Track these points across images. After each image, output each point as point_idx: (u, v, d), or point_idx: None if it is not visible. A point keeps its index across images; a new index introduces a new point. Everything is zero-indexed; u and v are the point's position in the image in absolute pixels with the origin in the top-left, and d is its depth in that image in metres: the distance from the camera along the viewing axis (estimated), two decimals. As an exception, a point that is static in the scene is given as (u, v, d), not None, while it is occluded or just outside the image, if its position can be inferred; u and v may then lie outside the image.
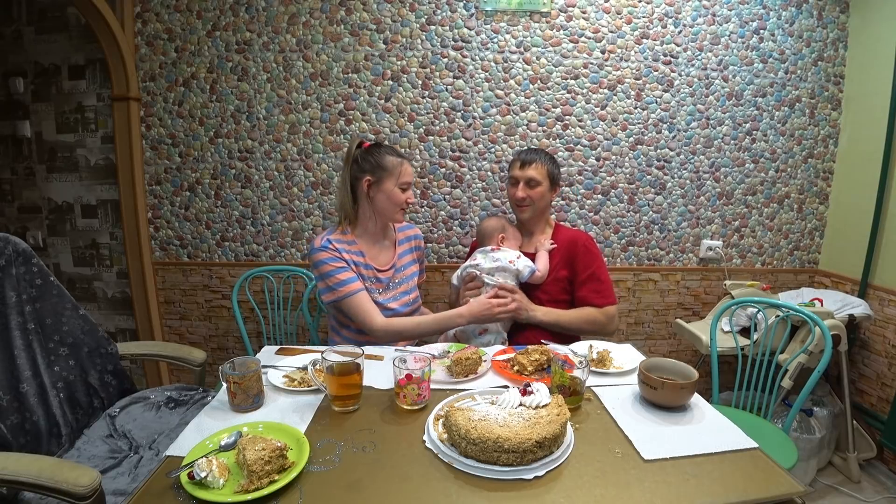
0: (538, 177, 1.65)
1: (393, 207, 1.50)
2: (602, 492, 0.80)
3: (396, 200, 1.49)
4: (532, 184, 1.65)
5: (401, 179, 1.48)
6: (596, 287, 1.64)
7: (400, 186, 1.48)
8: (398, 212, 1.52)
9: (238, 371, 1.03)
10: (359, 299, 1.45)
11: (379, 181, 1.48)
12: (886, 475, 1.99)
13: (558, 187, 1.76)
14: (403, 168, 1.49)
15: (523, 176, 1.66)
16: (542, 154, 1.69)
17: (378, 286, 1.53)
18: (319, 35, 2.10)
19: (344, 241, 1.50)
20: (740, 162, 2.26)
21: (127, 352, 1.49)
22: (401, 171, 1.48)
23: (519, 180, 1.67)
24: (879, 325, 2.04)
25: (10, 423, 1.13)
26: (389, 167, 1.47)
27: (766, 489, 0.81)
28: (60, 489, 0.87)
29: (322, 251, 1.46)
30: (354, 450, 0.90)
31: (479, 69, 2.13)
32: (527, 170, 1.66)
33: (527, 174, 1.65)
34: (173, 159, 2.20)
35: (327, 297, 1.48)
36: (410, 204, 1.54)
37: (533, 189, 1.65)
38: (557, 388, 1.06)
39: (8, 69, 2.14)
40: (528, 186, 1.65)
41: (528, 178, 1.65)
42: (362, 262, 1.52)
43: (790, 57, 2.19)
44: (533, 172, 1.65)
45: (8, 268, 1.20)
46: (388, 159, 1.48)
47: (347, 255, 1.48)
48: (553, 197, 1.75)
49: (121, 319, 2.36)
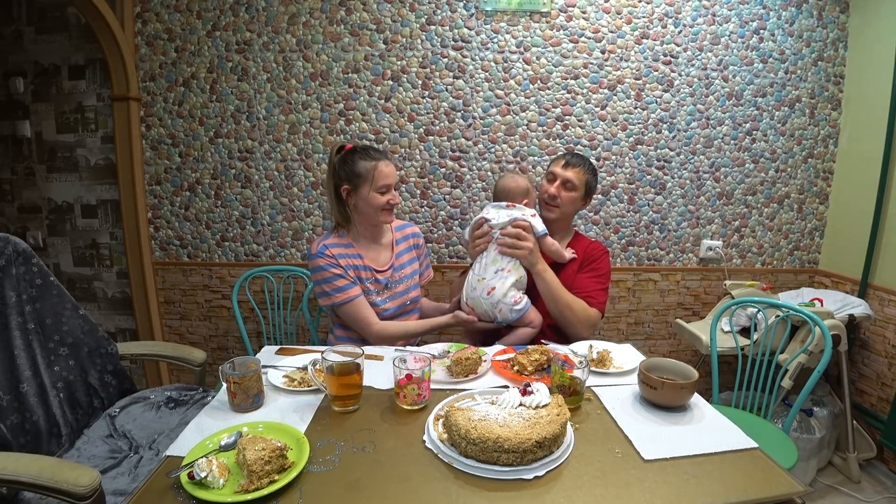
0: (576, 181, 1.60)
1: (374, 211, 1.46)
2: (602, 492, 0.80)
3: (375, 205, 1.45)
4: (568, 186, 1.60)
5: (376, 184, 1.43)
6: (597, 284, 1.60)
7: (377, 190, 1.44)
8: (381, 214, 1.48)
9: (238, 371, 1.03)
10: (355, 306, 1.46)
11: (356, 188, 1.45)
12: (886, 475, 1.99)
13: (590, 199, 1.70)
14: (378, 171, 1.43)
15: (562, 175, 1.61)
16: (587, 162, 1.65)
17: (377, 287, 1.53)
18: (319, 35, 2.10)
19: (341, 245, 1.50)
20: (740, 162, 2.26)
21: (127, 352, 1.49)
22: (374, 176, 1.43)
23: (556, 178, 1.62)
24: (879, 325, 2.04)
25: (10, 423, 1.13)
26: (363, 173, 1.43)
27: (766, 489, 0.81)
28: (60, 489, 0.87)
29: (318, 258, 1.46)
30: (354, 450, 0.90)
31: (479, 69, 2.13)
32: (568, 170, 1.61)
33: (567, 174, 1.60)
34: (173, 159, 2.20)
35: (324, 301, 1.49)
36: (395, 205, 1.48)
37: (568, 191, 1.60)
38: (557, 388, 1.06)
39: (8, 69, 2.14)
40: (563, 187, 1.61)
41: (567, 178, 1.60)
42: (360, 264, 1.51)
43: (790, 57, 2.19)
44: (573, 175, 1.60)
45: (8, 268, 1.20)
46: (361, 165, 1.43)
47: (344, 260, 1.48)
48: (583, 207, 1.71)
49: (121, 319, 2.36)
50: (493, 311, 1.50)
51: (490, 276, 1.49)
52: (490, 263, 1.50)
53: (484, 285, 1.49)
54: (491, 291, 1.48)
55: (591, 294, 1.57)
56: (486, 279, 1.49)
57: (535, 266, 1.51)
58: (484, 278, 1.49)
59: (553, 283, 1.52)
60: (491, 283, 1.49)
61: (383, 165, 1.45)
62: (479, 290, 1.49)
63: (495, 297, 1.48)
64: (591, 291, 1.58)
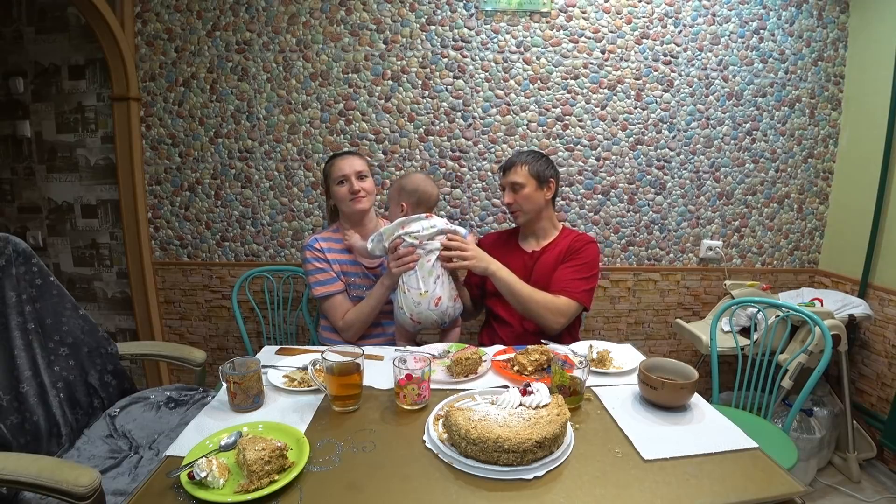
0: (520, 179, 1.61)
1: (344, 203, 1.58)
2: (602, 492, 0.80)
3: (340, 197, 1.58)
4: (516, 188, 1.62)
5: (334, 177, 1.57)
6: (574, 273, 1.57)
7: (336, 183, 1.57)
8: (350, 203, 1.56)
9: (238, 371, 1.03)
10: (331, 301, 1.56)
11: (327, 188, 1.63)
12: (886, 475, 1.99)
13: (550, 184, 1.64)
14: (333, 167, 1.58)
15: (507, 182, 1.65)
16: (523, 155, 1.66)
17: (367, 282, 1.61)
18: (319, 35, 2.10)
19: (332, 240, 1.62)
20: (740, 162, 2.26)
21: (127, 352, 1.50)
22: (331, 172, 1.58)
23: (504, 187, 1.67)
24: (879, 325, 2.04)
25: (10, 423, 1.13)
26: (328, 173, 1.61)
27: (766, 489, 0.81)
28: (60, 489, 0.87)
29: (306, 250, 1.58)
30: (354, 450, 0.90)
31: (479, 69, 2.13)
32: (509, 175, 1.64)
33: (509, 180, 1.64)
34: (173, 159, 2.20)
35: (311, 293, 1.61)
36: (359, 192, 1.55)
37: (518, 193, 1.62)
38: (557, 388, 1.06)
39: (8, 69, 2.14)
40: (512, 190, 1.64)
41: (511, 182, 1.63)
42: (347, 258, 1.61)
43: (790, 57, 2.19)
44: (514, 177, 1.62)
45: (8, 268, 1.20)
46: (326, 168, 1.62)
47: (332, 255, 1.58)
48: (547, 195, 1.65)
49: (121, 319, 2.36)
50: (442, 318, 1.51)
51: (431, 286, 1.48)
52: (427, 275, 1.48)
53: (428, 298, 1.47)
54: (438, 301, 1.48)
55: (566, 285, 1.56)
56: (430, 291, 1.47)
57: (489, 269, 1.52)
58: (426, 291, 1.47)
59: (510, 280, 1.52)
60: (435, 293, 1.48)
61: (339, 160, 1.59)
62: (425, 304, 1.47)
63: (443, 305, 1.50)
64: (567, 281, 1.57)
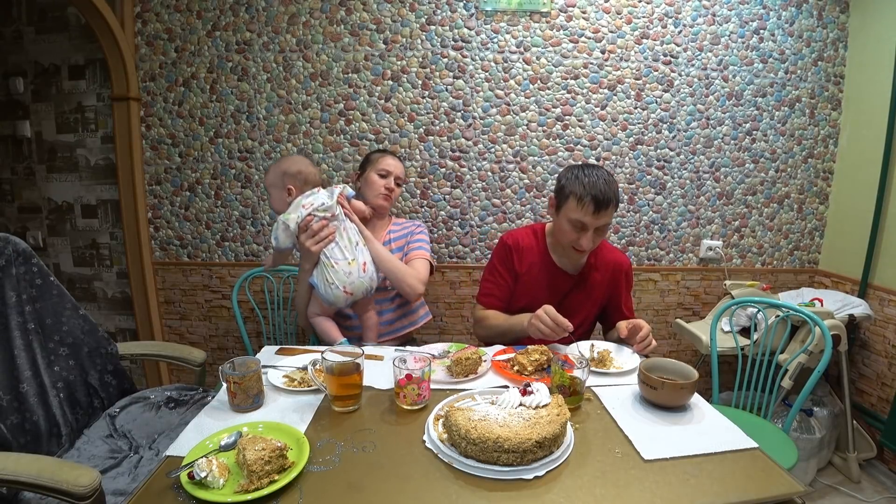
0: (608, 220, 1.27)
1: (373, 193, 1.66)
2: (602, 492, 0.80)
3: (374, 184, 1.66)
4: (599, 231, 1.29)
5: (378, 166, 1.67)
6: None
7: (377, 172, 1.67)
8: (378, 198, 1.66)
9: (238, 371, 1.03)
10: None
11: (363, 172, 1.72)
12: (886, 475, 1.99)
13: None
14: (383, 159, 1.69)
15: (595, 223, 1.27)
16: (614, 186, 1.29)
17: None
18: (319, 35, 2.10)
19: None
20: (740, 162, 2.26)
21: (127, 352, 1.49)
22: (379, 161, 1.69)
23: (587, 227, 1.28)
24: (879, 325, 2.04)
25: (10, 423, 1.13)
26: (372, 159, 1.71)
27: (766, 489, 0.81)
28: (60, 489, 0.87)
29: None
30: (354, 450, 0.90)
31: (479, 69, 2.13)
32: (601, 216, 1.26)
33: (600, 221, 1.27)
34: (173, 159, 2.20)
35: None
36: (391, 191, 1.67)
37: (600, 235, 1.32)
38: (557, 388, 1.06)
39: (8, 69, 2.14)
40: (597, 234, 1.29)
41: (602, 225, 1.28)
42: None
43: (790, 57, 2.19)
44: (608, 218, 1.27)
45: (8, 268, 1.20)
46: (373, 155, 1.73)
47: None
48: None
49: (121, 319, 2.36)
50: (371, 283, 1.51)
51: (355, 253, 1.48)
52: (349, 243, 1.48)
53: (357, 266, 1.47)
54: (365, 266, 1.49)
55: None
56: (357, 258, 1.48)
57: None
58: (354, 259, 1.47)
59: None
60: (361, 259, 1.49)
61: (389, 157, 1.71)
62: (356, 272, 1.47)
63: (370, 269, 1.50)
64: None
